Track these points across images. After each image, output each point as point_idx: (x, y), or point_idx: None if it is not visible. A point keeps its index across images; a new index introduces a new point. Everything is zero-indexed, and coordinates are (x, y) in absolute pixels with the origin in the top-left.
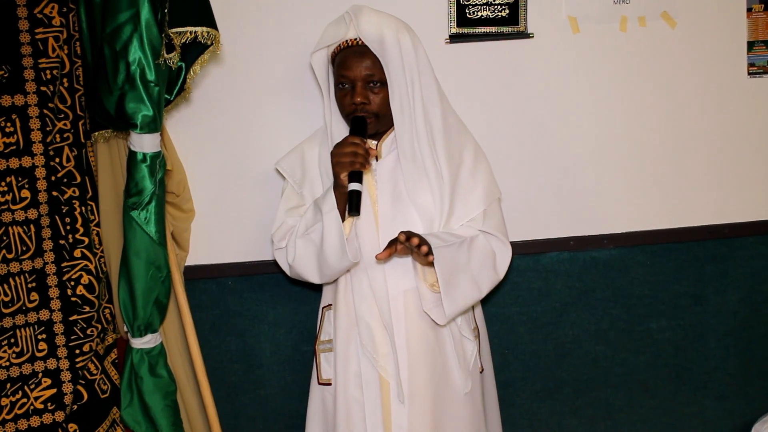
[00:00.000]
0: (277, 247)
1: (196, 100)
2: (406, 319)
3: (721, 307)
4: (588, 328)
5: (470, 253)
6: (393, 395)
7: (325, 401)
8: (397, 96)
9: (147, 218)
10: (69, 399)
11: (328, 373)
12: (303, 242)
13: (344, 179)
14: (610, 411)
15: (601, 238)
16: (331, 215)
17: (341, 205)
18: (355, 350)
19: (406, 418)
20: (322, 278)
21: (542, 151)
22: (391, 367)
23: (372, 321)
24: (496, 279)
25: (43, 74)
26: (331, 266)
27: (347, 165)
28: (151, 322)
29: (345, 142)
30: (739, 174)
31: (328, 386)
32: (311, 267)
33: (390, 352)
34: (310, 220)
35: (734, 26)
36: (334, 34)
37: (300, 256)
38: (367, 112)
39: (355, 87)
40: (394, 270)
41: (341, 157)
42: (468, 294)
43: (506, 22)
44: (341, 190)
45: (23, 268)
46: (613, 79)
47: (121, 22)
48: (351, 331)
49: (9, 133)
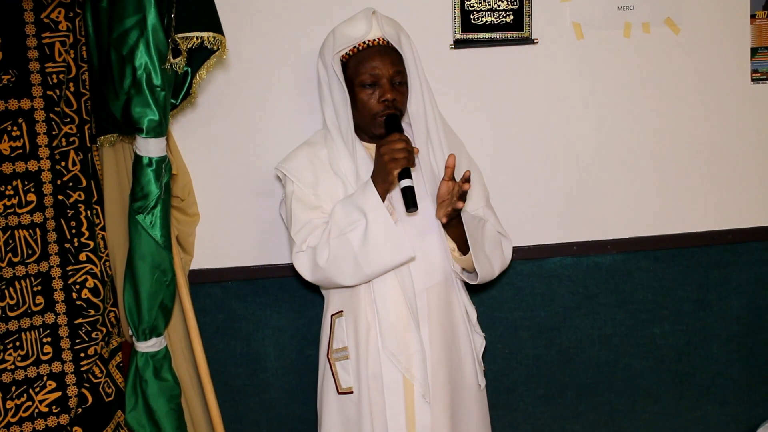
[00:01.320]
0: (298, 249)
1: (202, 105)
2: (429, 317)
3: (725, 312)
4: (591, 333)
5: (483, 231)
6: (417, 395)
7: (346, 411)
8: (414, 97)
9: (152, 222)
10: (74, 402)
11: (348, 381)
12: (339, 243)
13: (396, 176)
14: (614, 416)
15: (604, 244)
16: (378, 212)
17: (383, 201)
18: (375, 355)
19: (429, 417)
20: (359, 279)
21: (546, 157)
22: (416, 368)
23: (397, 321)
24: (504, 263)
25: (50, 78)
26: (377, 265)
27: (402, 161)
28: (156, 326)
29: (395, 140)
30: (742, 180)
31: (350, 395)
32: (346, 269)
33: (416, 352)
34: (342, 220)
35: (738, 32)
36: (351, 34)
37: (335, 258)
38: (398, 109)
39: (383, 85)
40: (418, 267)
41: (395, 153)
42: (486, 259)
43: (510, 28)
44: (386, 187)
45: (29, 271)
46: (616, 85)
47: (128, 27)
48: (369, 335)
49: (15, 137)
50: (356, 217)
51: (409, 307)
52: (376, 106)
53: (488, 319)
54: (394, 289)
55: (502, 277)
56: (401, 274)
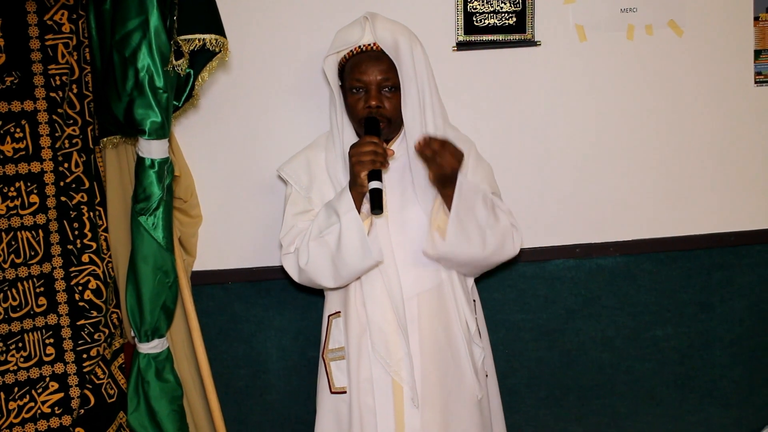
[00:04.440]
0: (286, 252)
1: (204, 107)
2: (419, 323)
3: (728, 315)
4: (594, 336)
5: (487, 208)
6: (407, 399)
7: (338, 411)
8: (410, 102)
9: (155, 224)
10: (76, 403)
11: (342, 381)
12: (316, 245)
13: (364, 178)
14: (616, 418)
15: (607, 246)
16: (349, 215)
17: (359, 205)
18: (367, 356)
19: (419, 422)
20: (337, 281)
21: (548, 159)
22: (405, 371)
23: (385, 325)
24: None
25: (53, 80)
26: (350, 267)
27: (368, 164)
28: (158, 327)
29: (363, 142)
30: (745, 182)
31: (343, 395)
32: (325, 270)
33: (404, 356)
34: (323, 222)
35: (741, 35)
36: (347, 38)
37: (313, 260)
38: (381, 116)
39: (370, 91)
40: (407, 273)
41: (361, 156)
42: (475, 234)
43: (513, 30)
44: (359, 190)
45: (31, 272)
46: (619, 87)
47: (131, 29)
48: (362, 337)
49: (18, 138)
50: (333, 220)
51: (395, 313)
52: (361, 111)
53: (490, 321)
54: (383, 292)
55: (504, 279)
56: (389, 278)
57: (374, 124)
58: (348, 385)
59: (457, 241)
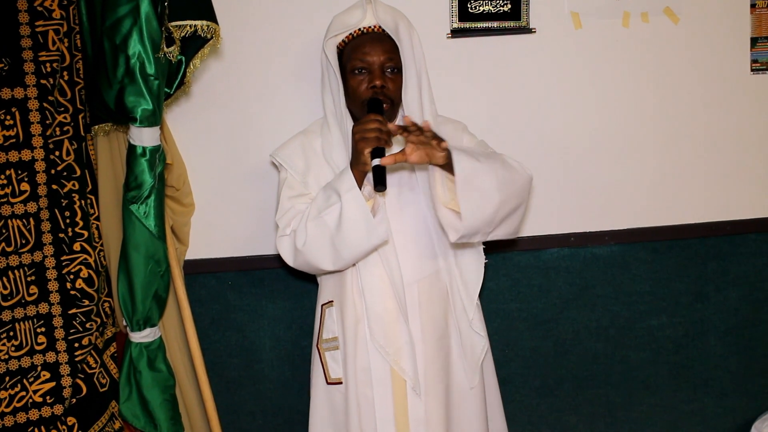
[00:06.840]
0: (282, 233)
1: (196, 94)
2: (420, 309)
3: (722, 304)
4: (588, 325)
5: (489, 160)
6: (409, 389)
7: (334, 401)
8: (410, 85)
9: (146, 212)
10: (68, 392)
11: (337, 372)
12: (315, 225)
13: (367, 156)
14: (610, 408)
15: (602, 235)
16: (351, 193)
17: (360, 185)
18: (364, 346)
19: (423, 411)
20: (336, 264)
21: (543, 147)
22: (406, 360)
23: (385, 314)
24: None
25: (43, 67)
26: (353, 248)
27: (373, 140)
28: (150, 317)
29: (368, 119)
30: (741, 171)
31: (338, 385)
32: (324, 251)
33: (404, 344)
34: (322, 203)
35: (738, 22)
36: (347, 21)
37: (311, 241)
38: (385, 96)
39: (374, 72)
40: (407, 259)
41: (366, 133)
42: (487, 199)
43: (508, 17)
44: (361, 168)
45: (22, 261)
46: (615, 74)
47: (121, 15)
48: (358, 327)
49: (8, 126)
50: (334, 200)
51: (397, 299)
52: (365, 92)
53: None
54: (382, 280)
55: (499, 269)
56: (389, 264)
57: (378, 104)
58: (344, 376)
59: (475, 215)
